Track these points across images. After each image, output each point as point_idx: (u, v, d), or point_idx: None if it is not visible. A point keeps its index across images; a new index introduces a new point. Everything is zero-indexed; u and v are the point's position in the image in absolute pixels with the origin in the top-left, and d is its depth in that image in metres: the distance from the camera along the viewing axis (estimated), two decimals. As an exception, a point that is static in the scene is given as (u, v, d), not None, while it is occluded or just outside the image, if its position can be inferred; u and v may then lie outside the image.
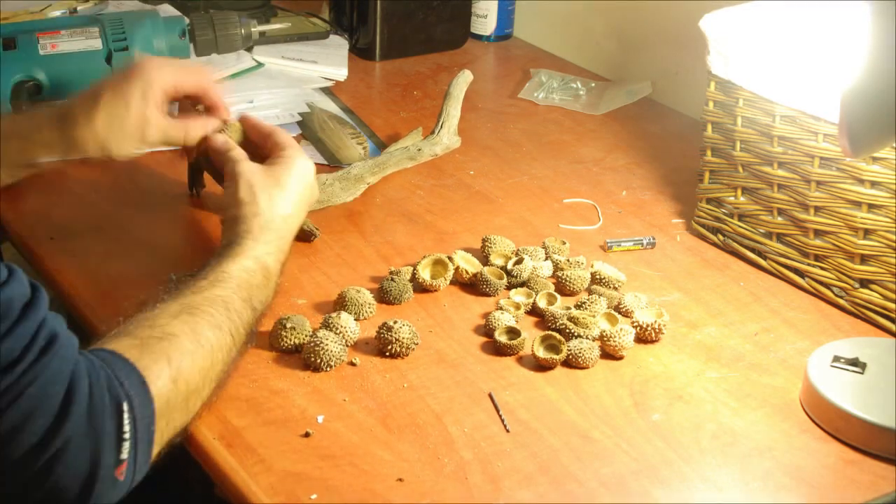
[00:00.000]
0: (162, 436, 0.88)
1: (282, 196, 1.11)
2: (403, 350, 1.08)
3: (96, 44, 1.47)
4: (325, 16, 1.90)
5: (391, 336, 1.07)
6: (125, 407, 0.83)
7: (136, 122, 1.15)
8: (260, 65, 1.70)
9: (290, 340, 1.07)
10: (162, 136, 1.18)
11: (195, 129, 1.20)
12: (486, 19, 1.93)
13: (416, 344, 1.09)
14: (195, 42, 1.56)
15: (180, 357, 0.90)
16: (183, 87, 1.20)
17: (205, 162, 1.25)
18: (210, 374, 0.94)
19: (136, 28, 1.49)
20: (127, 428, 0.83)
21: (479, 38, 1.94)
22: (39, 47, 1.43)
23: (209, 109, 1.23)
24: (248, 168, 1.13)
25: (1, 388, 0.76)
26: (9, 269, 0.80)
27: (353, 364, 1.07)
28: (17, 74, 1.41)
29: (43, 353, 0.79)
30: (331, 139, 1.53)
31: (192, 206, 1.35)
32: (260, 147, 1.19)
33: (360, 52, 1.85)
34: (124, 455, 0.83)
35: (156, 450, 0.88)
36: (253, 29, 1.62)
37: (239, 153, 1.16)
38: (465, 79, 1.52)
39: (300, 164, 1.15)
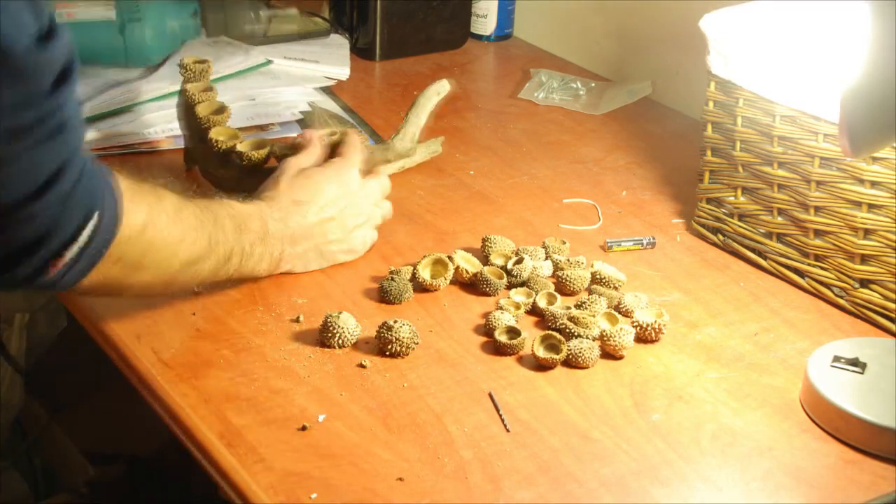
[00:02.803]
0: (106, 269, 0.93)
1: (302, 185, 1.19)
2: (403, 350, 1.08)
3: (111, 14, 1.56)
4: (326, 15, 1.90)
5: (391, 336, 1.07)
6: (94, 217, 0.88)
7: None
8: (269, 61, 1.69)
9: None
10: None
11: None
12: (486, 19, 1.93)
13: (416, 343, 1.09)
14: (206, 22, 1.60)
15: (158, 213, 0.97)
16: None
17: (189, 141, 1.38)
18: (176, 251, 1.00)
19: (150, 4, 1.57)
20: (84, 235, 0.88)
21: (479, 38, 1.94)
22: (56, 15, 1.48)
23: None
24: (290, 163, 1.23)
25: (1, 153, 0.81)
26: (53, 27, 0.83)
27: (362, 366, 1.07)
28: None
29: (49, 137, 0.83)
30: None
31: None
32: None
33: (360, 52, 1.85)
34: (67, 254, 0.88)
35: (95, 276, 0.92)
36: (262, 13, 1.67)
37: (301, 155, 1.24)
38: (436, 88, 1.42)
39: (340, 165, 1.23)
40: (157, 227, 0.97)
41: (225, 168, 1.31)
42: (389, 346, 1.08)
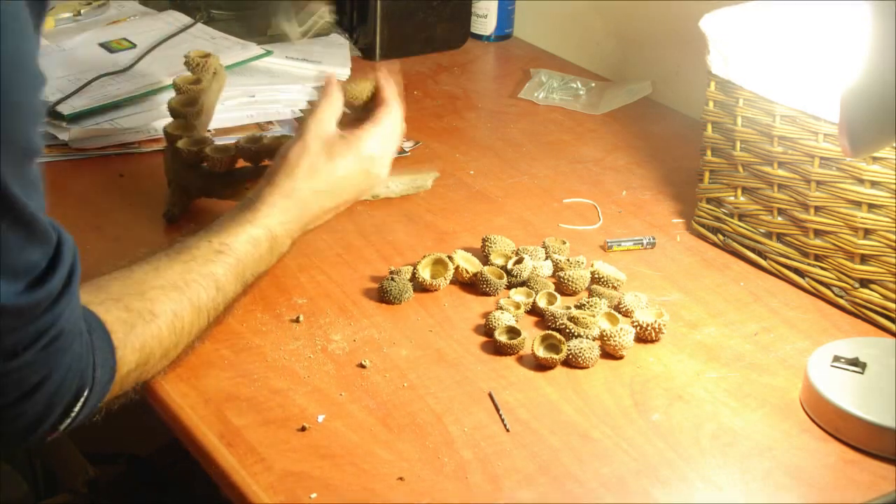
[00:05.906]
0: (99, 404, 0.91)
1: (321, 170, 1.09)
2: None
3: None
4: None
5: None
6: (84, 393, 0.86)
7: None
8: (268, 52, 1.68)
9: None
10: None
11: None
12: (486, 19, 1.93)
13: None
14: None
15: (152, 344, 0.94)
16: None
17: None
18: (171, 354, 0.98)
19: None
20: (76, 409, 0.86)
21: (479, 37, 1.94)
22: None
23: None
24: (316, 128, 1.10)
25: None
26: (56, 255, 0.81)
27: (362, 366, 1.07)
28: None
29: (44, 349, 0.81)
30: None
31: (191, 206, 1.35)
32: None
33: (360, 52, 1.84)
34: (62, 426, 0.87)
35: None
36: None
37: (326, 110, 1.11)
38: (421, 182, 1.38)
39: (365, 145, 1.12)
40: (150, 354, 0.94)
41: (194, 172, 1.28)
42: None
